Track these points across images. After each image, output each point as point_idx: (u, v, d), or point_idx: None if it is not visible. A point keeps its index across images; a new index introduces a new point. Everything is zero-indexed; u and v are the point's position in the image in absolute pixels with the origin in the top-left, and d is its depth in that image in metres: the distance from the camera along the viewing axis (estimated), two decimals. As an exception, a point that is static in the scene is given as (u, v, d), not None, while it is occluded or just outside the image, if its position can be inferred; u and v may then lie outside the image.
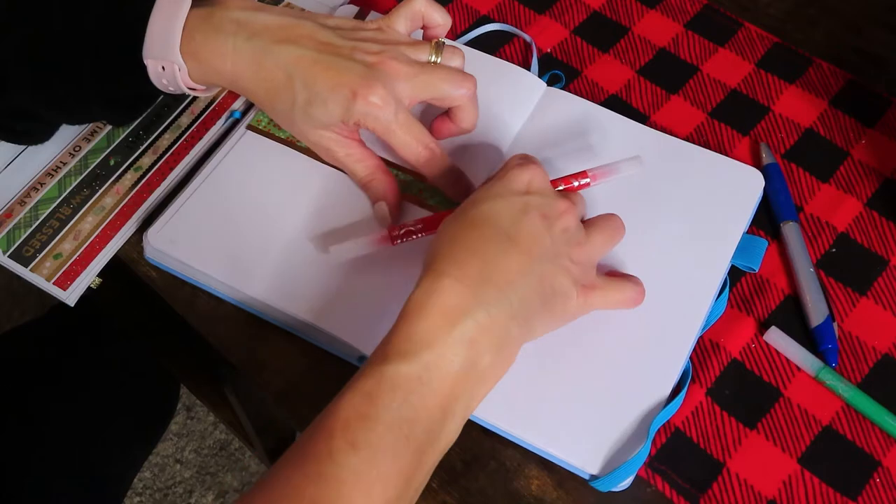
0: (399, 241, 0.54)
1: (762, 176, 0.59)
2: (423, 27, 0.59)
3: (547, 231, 0.48)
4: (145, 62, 0.53)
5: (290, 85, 0.53)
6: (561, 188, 0.54)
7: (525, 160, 0.51)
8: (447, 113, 0.57)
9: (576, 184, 0.54)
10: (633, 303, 0.52)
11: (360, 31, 0.56)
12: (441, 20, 0.58)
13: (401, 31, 0.57)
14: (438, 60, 0.56)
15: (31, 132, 0.60)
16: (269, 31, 0.53)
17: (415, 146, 0.54)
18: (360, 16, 0.67)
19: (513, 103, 0.62)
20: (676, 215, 0.57)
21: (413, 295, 0.45)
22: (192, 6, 0.53)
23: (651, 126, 0.62)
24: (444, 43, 0.57)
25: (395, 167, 0.59)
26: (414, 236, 0.54)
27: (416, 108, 0.62)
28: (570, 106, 0.63)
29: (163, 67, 0.53)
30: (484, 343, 0.44)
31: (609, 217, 0.52)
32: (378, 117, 0.52)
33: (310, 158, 0.60)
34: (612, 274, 0.54)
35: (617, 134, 0.61)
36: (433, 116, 0.59)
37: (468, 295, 0.44)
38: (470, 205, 0.49)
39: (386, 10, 0.68)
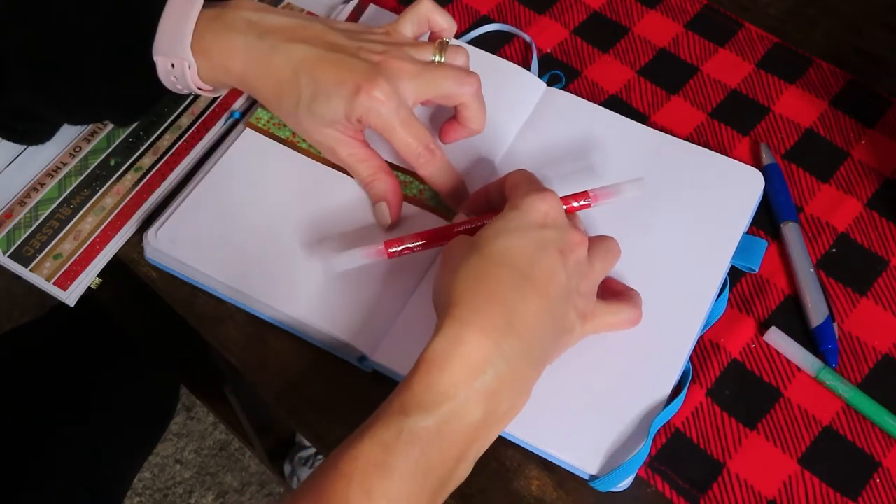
0: (396, 255, 0.54)
1: (762, 176, 0.59)
2: (430, 32, 0.60)
3: (563, 267, 0.47)
4: (155, 59, 0.53)
5: (297, 81, 0.53)
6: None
7: (538, 185, 0.50)
8: (455, 116, 0.58)
9: (576, 204, 0.52)
10: (630, 324, 0.52)
11: (368, 34, 0.56)
12: (446, 24, 0.59)
13: (407, 35, 0.58)
14: (442, 60, 0.56)
15: (32, 132, 0.60)
16: (280, 30, 0.54)
17: (415, 146, 0.54)
18: (359, 8, 0.68)
19: (512, 103, 0.62)
20: (676, 215, 0.57)
21: (435, 343, 0.43)
22: (202, 7, 0.54)
23: (651, 126, 0.62)
24: (447, 43, 0.57)
25: (396, 167, 0.59)
26: (411, 251, 0.53)
27: (424, 113, 0.62)
28: (570, 106, 0.63)
29: (172, 65, 0.53)
30: (503, 392, 0.44)
31: (607, 240, 0.51)
32: (380, 112, 0.53)
33: (310, 158, 0.60)
34: (610, 286, 0.53)
35: (617, 134, 0.61)
36: (441, 122, 0.59)
37: (491, 346, 0.43)
38: (486, 239, 0.47)
39: (383, 3, 0.69)
